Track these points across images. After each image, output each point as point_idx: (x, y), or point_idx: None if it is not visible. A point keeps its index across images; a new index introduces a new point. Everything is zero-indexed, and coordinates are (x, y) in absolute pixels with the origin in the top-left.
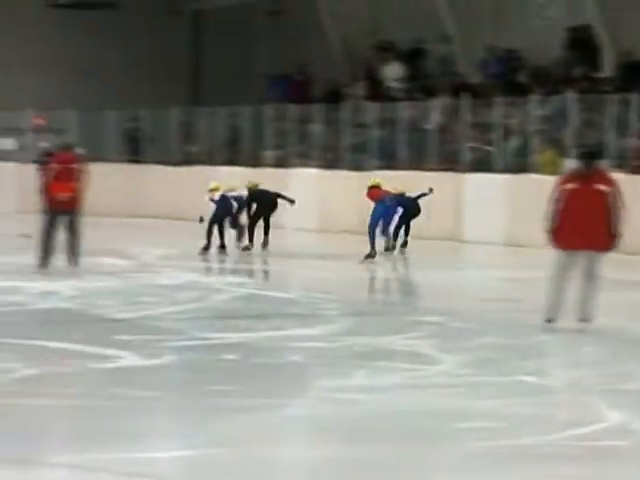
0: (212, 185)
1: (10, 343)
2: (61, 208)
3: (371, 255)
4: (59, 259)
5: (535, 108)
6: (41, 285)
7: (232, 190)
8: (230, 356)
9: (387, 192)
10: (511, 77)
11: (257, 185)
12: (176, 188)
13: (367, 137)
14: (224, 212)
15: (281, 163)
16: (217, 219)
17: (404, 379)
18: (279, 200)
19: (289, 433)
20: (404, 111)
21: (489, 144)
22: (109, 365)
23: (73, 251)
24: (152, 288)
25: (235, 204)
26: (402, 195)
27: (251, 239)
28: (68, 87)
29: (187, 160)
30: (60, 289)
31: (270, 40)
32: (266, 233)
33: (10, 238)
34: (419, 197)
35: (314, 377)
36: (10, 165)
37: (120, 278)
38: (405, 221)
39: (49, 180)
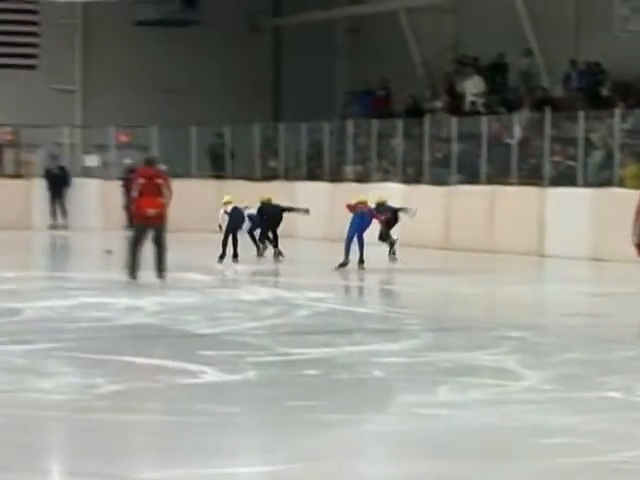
0: (226, 198)
1: (96, 359)
2: (148, 223)
3: (344, 264)
4: (147, 274)
5: (619, 121)
6: (126, 301)
7: (247, 207)
8: (312, 371)
9: (365, 205)
10: (594, 90)
11: (270, 200)
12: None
13: (449, 152)
14: (236, 223)
15: (362, 178)
16: (230, 230)
17: (488, 395)
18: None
19: (371, 448)
20: (486, 125)
21: (572, 158)
22: (193, 380)
23: (161, 265)
24: (234, 303)
25: (248, 220)
26: (383, 204)
27: (259, 247)
28: (152, 104)
29: (269, 175)
30: (145, 305)
31: (351, 56)
32: (275, 245)
33: (95, 255)
34: (399, 210)
35: (396, 392)
36: (94, 182)
37: (203, 293)
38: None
39: (136, 195)
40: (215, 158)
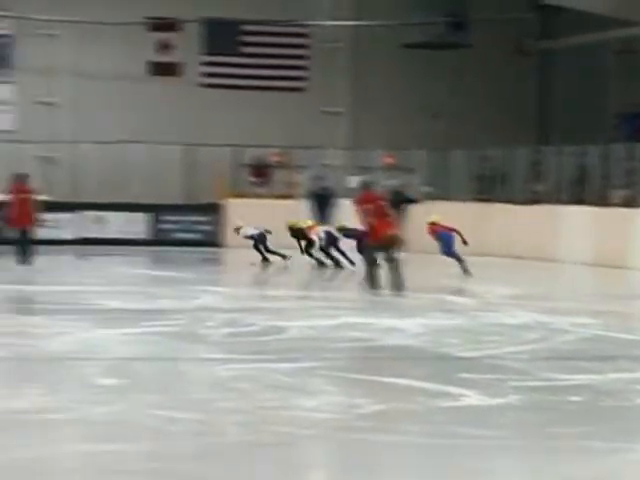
0: (239, 223)
1: (357, 378)
2: (384, 244)
3: (462, 262)
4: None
5: None
6: (387, 322)
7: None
8: (575, 398)
9: (437, 225)
10: None
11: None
12: (522, 227)
13: None
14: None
15: (629, 203)
16: (259, 241)
17: None
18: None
19: (635, 478)
20: None
21: None
22: (453, 403)
23: (398, 282)
24: (496, 327)
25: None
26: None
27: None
28: (417, 126)
29: (533, 199)
30: (406, 326)
31: (620, 78)
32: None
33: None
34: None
35: None
36: None
37: (464, 316)
38: None
39: (374, 219)
40: (480, 181)
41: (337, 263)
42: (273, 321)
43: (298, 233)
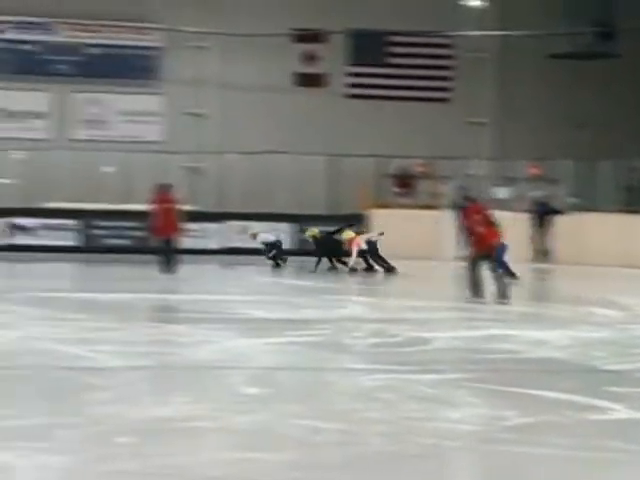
0: (254, 231)
1: (502, 391)
2: (489, 253)
3: (514, 276)
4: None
5: None
6: (534, 333)
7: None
8: None
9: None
10: None
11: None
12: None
13: None
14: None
15: None
16: (275, 248)
17: None
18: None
19: None
20: None
21: None
22: (601, 417)
23: (503, 292)
24: None
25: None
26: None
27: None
28: (563, 136)
29: None
30: (553, 338)
31: None
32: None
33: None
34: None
35: None
36: (503, 214)
37: (612, 329)
38: None
39: (483, 228)
40: (628, 192)
41: (388, 269)
42: (418, 332)
43: (327, 242)
